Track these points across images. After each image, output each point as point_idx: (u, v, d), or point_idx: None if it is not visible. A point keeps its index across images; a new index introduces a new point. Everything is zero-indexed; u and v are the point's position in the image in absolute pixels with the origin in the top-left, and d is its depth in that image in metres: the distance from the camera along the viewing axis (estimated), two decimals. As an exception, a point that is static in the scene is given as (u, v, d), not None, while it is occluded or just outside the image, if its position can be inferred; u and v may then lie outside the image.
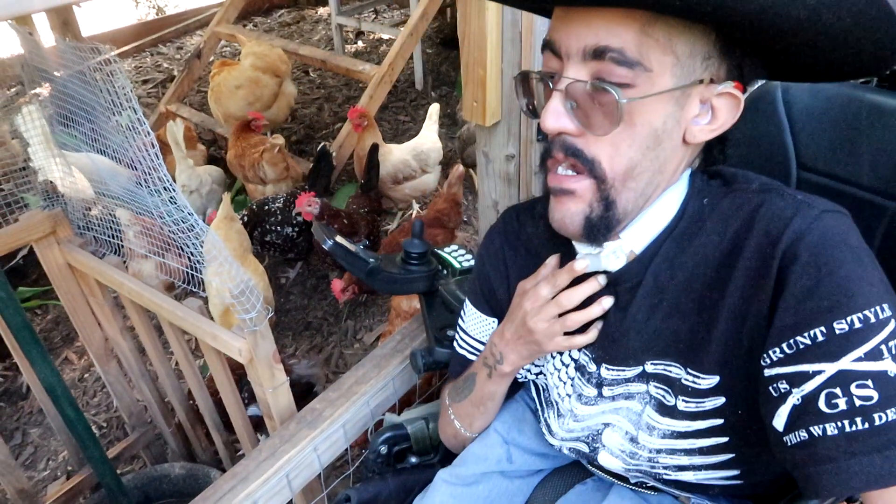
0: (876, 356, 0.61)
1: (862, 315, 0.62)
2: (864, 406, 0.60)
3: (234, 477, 1.17)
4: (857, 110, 0.99)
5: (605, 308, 0.82)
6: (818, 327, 0.63)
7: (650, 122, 0.69)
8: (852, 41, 0.62)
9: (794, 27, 0.61)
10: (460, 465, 1.05)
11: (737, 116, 0.72)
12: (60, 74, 1.34)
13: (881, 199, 0.96)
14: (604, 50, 0.66)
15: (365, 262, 1.24)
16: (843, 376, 0.62)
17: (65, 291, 1.64)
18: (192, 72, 3.85)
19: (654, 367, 0.80)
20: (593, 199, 0.74)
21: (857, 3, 0.57)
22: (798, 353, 0.64)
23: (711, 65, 0.69)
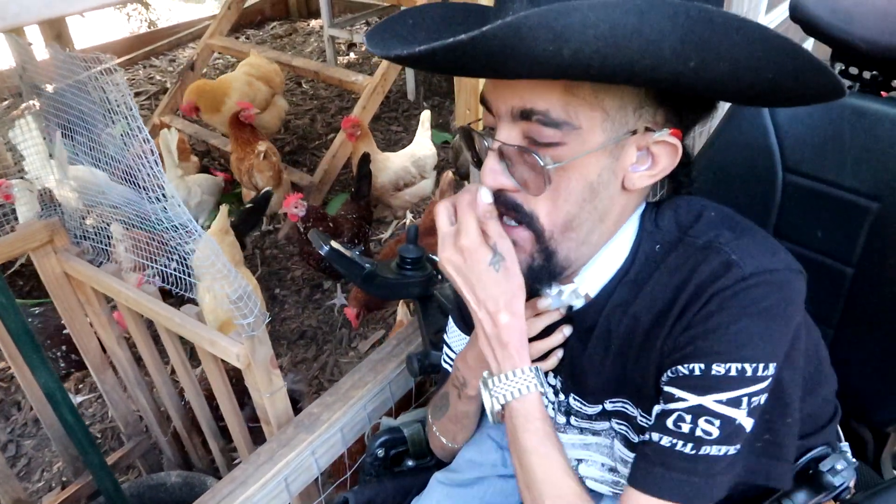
0: (735, 404, 0.68)
1: (740, 366, 0.67)
2: (701, 437, 0.69)
3: (233, 481, 1.18)
4: (840, 114, 1.02)
5: (565, 335, 0.84)
6: (699, 363, 0.69)
7: (585, 177, 0.70)
8: (779, 91, 0.64)
9: (715, 87, 0.63)
10: (456, 471, 1.06)
11: (676, 161, 0.71)
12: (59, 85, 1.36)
13: (864, 200, 0.99)
14: (530, 112, 0.67)
15: (361, 268, 1.26)
16: (700, 409, 0.69)
17: (61, 300, 1.64)
18: (186, 84, 3.86)
19: (613, 404, 0.83)
20: (534, 250, 0.75)
21: (774, 61, 0.58)
22: (676, 379, 0.71)
23: (646, 113, 0.69)
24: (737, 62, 0.58)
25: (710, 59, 0.57)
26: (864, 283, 1.01)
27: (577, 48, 0.55)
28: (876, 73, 1.08)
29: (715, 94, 0.67)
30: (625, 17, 0.53)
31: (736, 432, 0.69)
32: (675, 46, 0.56)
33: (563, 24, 0.53)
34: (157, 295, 1.46)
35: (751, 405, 0.68)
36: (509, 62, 0.58)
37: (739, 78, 0.60)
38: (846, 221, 1.01)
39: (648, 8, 0.53)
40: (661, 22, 0.54)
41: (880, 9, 0.97)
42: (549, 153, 0.68)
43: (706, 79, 0.60)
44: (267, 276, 2.97)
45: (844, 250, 1.02)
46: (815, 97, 0.64)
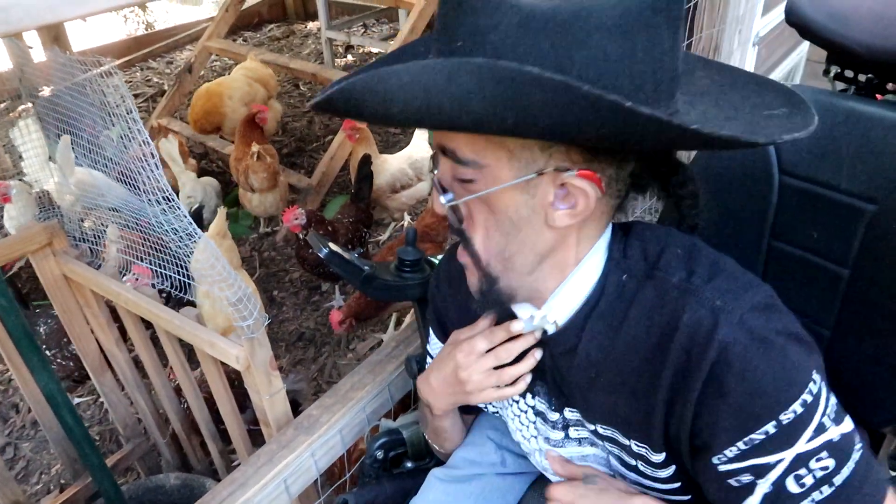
0: (821, 430, 0.67)
1: (801, 401, 0.67)
2: (826, 475, 0.68)
3: (233, 483, 1.18)
4: (835, 117, 1.02)
5: (536, 359, 0.84)
6: (768, 423, 0.67)
7: (503, 211, 0.71)
8: (626, 139, 0.64)
9: (562, 138, 0.65)
10: (454, 468, 1.07)
11: (592, 204, 0.70)
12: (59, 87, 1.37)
13: (860, 203, 1.00)
14: (445, 150, 0.71)
15: (360, 270, 1.26)
16: (802, 457, 0.68)
17: (60, 303, 1.65)
18: (183, 86, 3.87)
19: (605, 430, 0.83)
20: (480, 275, 0.78)
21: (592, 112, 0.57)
22: (755, 448, 0.69)
23: (557, 153, 0.68)
24: (557, 118, 0.58)
25: (526, 118, 0.59)
26: (859, 285, 1.02)
27: (402, 108, 0.60)
28: (871, 76, 1.09)
29: (573, 143, 0.67)
30: (434, 79, 0.57)
31: (844, 443, 0.68)
32: (486, 106, 0.58)
33: (384, 88, 0.59)
34: (156, 297, 1.47)
35: (832, 416, 0.68)
36: (361, 114, 0.65)
37: (569, 133, 0.61)
38: (842, 223, 1.02)
39: (456, 70, 0.56)
40: (467, 83, 0.56)
41: (875, 12, 0.98)
42: (467, 188, 0.71)
43: (537, 133, 0.62)
44: (265, 279, 2.98)
45: (840, 252, 1.03)
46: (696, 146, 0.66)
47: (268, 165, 2.91)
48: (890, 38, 0.96)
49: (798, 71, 3.37)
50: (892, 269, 0.97)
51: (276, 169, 2.97)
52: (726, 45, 2.17)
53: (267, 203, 2.99)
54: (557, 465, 0.91)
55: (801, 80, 3.40)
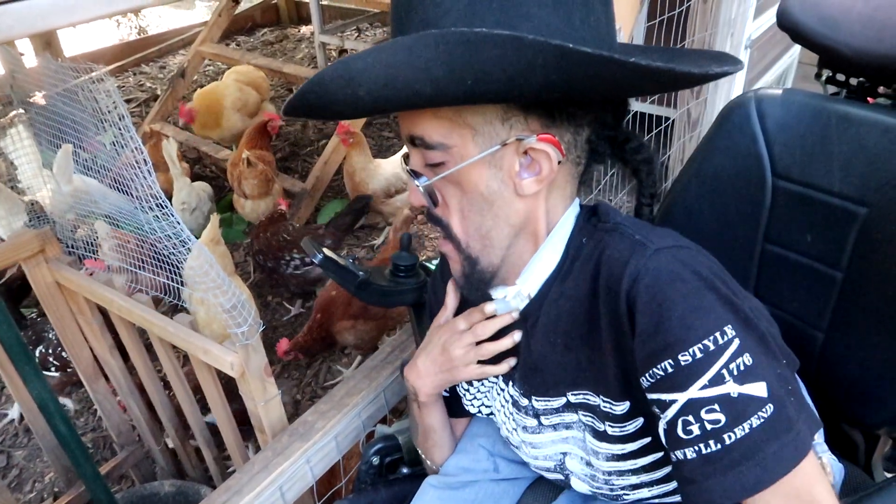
0: (718, 381, 0.66)
1: (701, 345, 0.66)
2: (715, 429, 0.66)
3: (228, 490, 1.18)
4: (827, 120, 1.03)
5: (515, 340, 0.88)
6: (667, 360, 0.68)
7: (475, 188, 0.76)
8: (574, 86, 0.67)
9: (513, 96, 0.69)
10: (448, 475, 1.07)
11: (555, 165, 0.75)
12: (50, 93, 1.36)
13: (852, 206, 1.00)
14: (413, 138, 0.76)
15: (354, 276, 1.26)
16: (693, 404, 0.67)
17: (53, 310, 1.64)
18: (177, 91, 3.87)
19: (575, 396, 0.85)
20: (460, 259, 0.83)
21: (542, 62, 0.62)
22: (657, 383, 0.70)
23: (517, 123, 0.73)
24: (507, 72, 0.62)
25: (480, 75, 0.63)
26: (852, 287, 1.02)
27: (368, 89, 0.65)
28: (862, 79, 1.09)
29: (523, 100, 0.72)
30: (396, 56, 0.62)
31: (744, 404, 0.65)
32: (446, 71, 0.62)
33: (352, 71, 0.64)
34: (149, 303, 1.46)
35: (734, 374, 0.66)
36: (332, 107, 0.69)
37: (523, 85, 0.65)
38: (835, 226, 1.02)
39: (414, 43, 0.62)
40: (425, 52, 0.61)
41: (865, 16, 0.98)
42: (438, 172, 0.76)
43: (494, 91, 0.65)
44: (259, 284, 2.97)
45: (833, 254, 1.03)
46: (643, 89, 0.71)
47: (259, 172, 2.90)
48: (880, 42, 0.97)
49: (790, 73, 3.38)
50: (885, 271, 0.97)
51: (269, 176, 2.96)
52: (718, 48, 2.18)
53: (259, 210, 2.99)
54: None
55: (792, 83, 3.41)
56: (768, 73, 2.92)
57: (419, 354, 0.98)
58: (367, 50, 0.63)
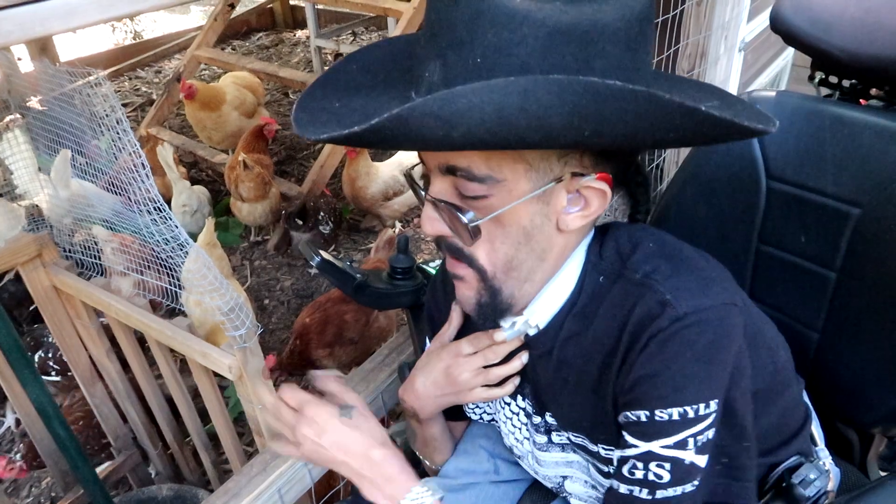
0: (681, 446, 0.71)
1: (682, 409, 0.70)
2: (654, 482, 0.72)
3: (226, 493, 1.18)
4: (821, 122, 1.04)
5: (524, 362, 0.87)
6: (643, 410, 0.71)
7: (518, 222, 0.72)
8: (687, 141, 0.68)
9: (621, 146, 0.68)
10: (448, 476, 1.07)
11: (607, 203, 0.73)
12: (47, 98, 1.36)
13: (845, 206, 1.01)
14: (454, 168, 0.69)
15: (352, 278, 1.26)
16: (649, 455, 0.72)
17: (50, 314, 1.64)
18: (172, 95, 3.86)
19: (575, 437, 0.86)
20: (480, 288, 0.78)
21: (672, 122, 0.61)
22: (626, 425, 0.75)
23: (572, 159, 0.70)
24: (632, 126, 0.61)
25: (603, 127, 0.60)
26: (846, 288, 1.03)
27: (465, 131, 0.58)
28: (855, 81, 1.10)
29: (623, 149, 0.71)
30: (508, 98, 0.56)
31: (688, 471, 0.72)
32: (565, 120, 0.58)
33: (450, 112, 0.57)
34: (147, 307, 1.46)
35: (698, 444, 0.71)
36: (405, 144, 0.63)
37: (640, 139, 0.64)
38: (829, 227, 1.03)
39: (533, 87, 0.56)
40: (546, 98, 0.57)
41: (857, 19, 0.99)
42: (477, 205, 0.70)
43: (606, 142, 0.63)
44: (256, 287, 2.97)
45: (827, 255, 1.04)
46: (741, 135, 0.67)
47: (255, 175, 2.91)
48: (872, 44, 0.98)
49: (784, 76, 3.40)
50: (878, 271, 0.98)
51: (266, 179, 2.97)
52: (713, 51, 2.19)
53: (256, 213, 3.00)
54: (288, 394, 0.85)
55: (786, 85, 3.43)
56: (762, 76, 2.93)
57: (416, 376, 0.94)
58: (467, 88, 0.56)
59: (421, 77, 0.67)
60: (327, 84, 0.75)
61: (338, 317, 2.16)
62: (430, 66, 0.65)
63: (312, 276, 3.00)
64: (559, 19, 0.60)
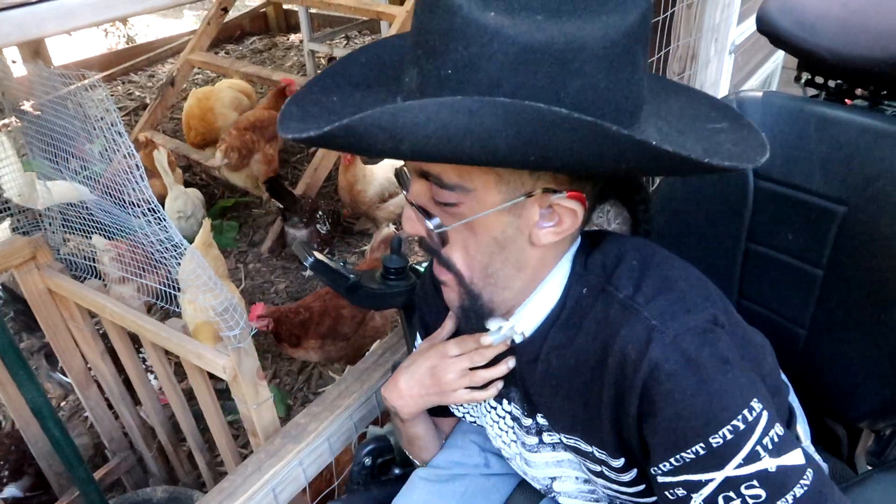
0: (753, 458, 0.66)
1: (731, 426, 0.66)
2: (757, 503, 0.66)
3: (221, 492, 1.18)
4: (806, 122, 1.05)
5: (510, 367, 0.86)
6: (697, 444, 0.67)
7: (488, 232, 0.72)
8: (639, 172, 0.68)
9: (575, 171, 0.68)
10: (438, 468, 1.08)
11: (578, 222, 0.73)
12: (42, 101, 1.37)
13: (832, 205, 1.03)
14: (426, 174, 0.70)
15: (346, 278, 1.27)
16: (731, 482, 0.67)
17: (45, 317, 1.64)
18: (166, 99, 3.87)
19: (568, 439, 0.85)
20: (461, 292, 0.79)
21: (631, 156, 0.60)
22: (686, 466, 0.69)
23: (545, 175, 0.70)
24: (578, 154, 0.60)
25: (549, 153, 0.60)
26: (833, 285, 1.04)
27: (413, 144, 0.58)
28: (840, 81, 1.12)
29: (580, 174, 0.69)
30: (454, 118, 0.56)
31: (783, 477, 0.66)
32: (510, 144, 0.58)
33: (396, 125, 0.57)
34: (142, 309, 1.47)
35: (769, 448, 0.67)
36: (361, 151, 0.63)
37: (591, 168, 0.63)
38: (815, 225, 1.05)
39: (478, 108, 0.56)
40: (491, 121, 0.56)
41: (842, 20, 1.01)
42: (449, 211, 0.71)
43: (556, 167, 0.63)
44: (251, 290, 2.98)
45: (814, 253, 1.06)
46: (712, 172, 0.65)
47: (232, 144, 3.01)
48: (856, 45, 0.99)
49: (774, 78, 3.43)
50: (863, 268, 1.00)
51: (244, 152, 3.05)
52: (703, 53, 2.21)
53: (240, 181, 3.16)
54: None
55: (777, 87, 3.46)
56: (753, 78, 2.96)
57: (401, 374, 0.95)
58: (416, 103, 0.56)
59: (403, 81, 0.68)
60: (335, 75, 0.76)
61: (335, 310, 2.17)
62: (410, 72, 0.66)
63: (307, 279, 3.00)
64: (532, 37, 0.58)
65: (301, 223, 2.92)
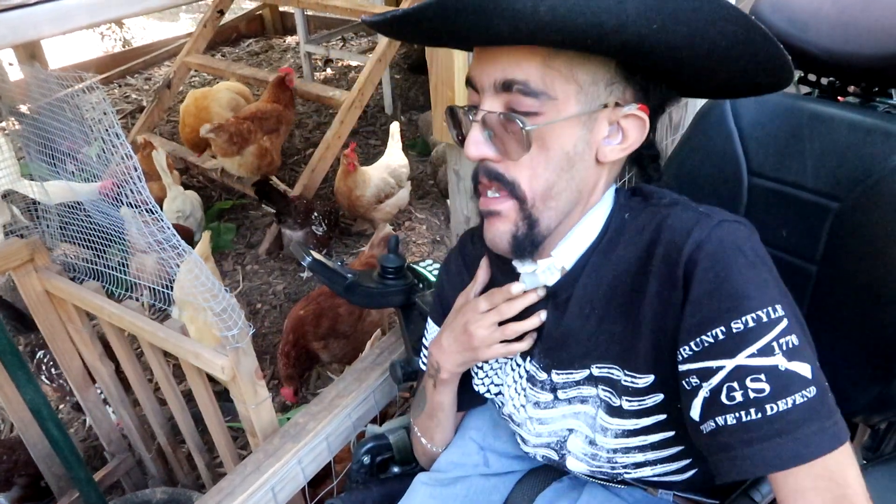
0: (767, 352, 0.68)
1: (755, 315, 0.69)
2: (758, 398, 0.67)
3: (220, 492, 1.19)
4: (799, 119, 1.06)
5: (541, 320, 0.88)
6: (718, 327, 0.70)
7: (562, 146, 0.75)
8: (733, 62, 0.70)
9: (673, 53, 0.69)
10: (439, 471, 1.09)
11: (644, 135, 0.78)
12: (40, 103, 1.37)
13: (825, 200, 1.03)
14: (511, 83, 0.73)
15: (343, 278, 1.28)
16: (740, 371, 0.68)
17: (43, 319, 1.64)
18: (162, 102, 3.87)
19: (599, 370, 0.86)
20: (518, 219, 0.79)
21: (727, 28, 0.65)
22: (704, 351, 0.71)
23: (616, 89, 0.75)
24: (694, 26, 0.64)
25: (669, 22, 0.63)
26: (827, 280, 1.05)
27: (552, 5, 0.61)
28: (833, 79, 1.13)
29: (675, 63, 0.72)
30: None
31: (789, 380, 0.67)
32: (639, 6, 0.62)
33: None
34: (140, 310, 1.47)
35: (784, 349, 0.67)
36: (494, 19, 0.64)
37: (696, 44, 0.66)
38: (809, 221, 1.05)
39: None
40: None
41: (833, 18, 1.02)
42: (529, 121, 0.73)
43: (666, 42, 0.66)
44: (248, 291, 2.98)
45: (808, 249, 1.06)
46: (767, 75, 0.71)
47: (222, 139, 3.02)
48: (848, 43, 1.00)
49: (769, 77, 3.44)
50: (856, 264, 1.00)
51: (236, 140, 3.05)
52: (697, 52, 2.21)
53: (233, 168, 3.16)
54: None
55: (772, 86, 3.47)
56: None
57: (444, 332, 0.98)
58: None
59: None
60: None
61: (332, 310, 2.17)
62: None
63: (304, 280, 3.01)
64: None
65: (296, 225, 2.92)
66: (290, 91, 3.31)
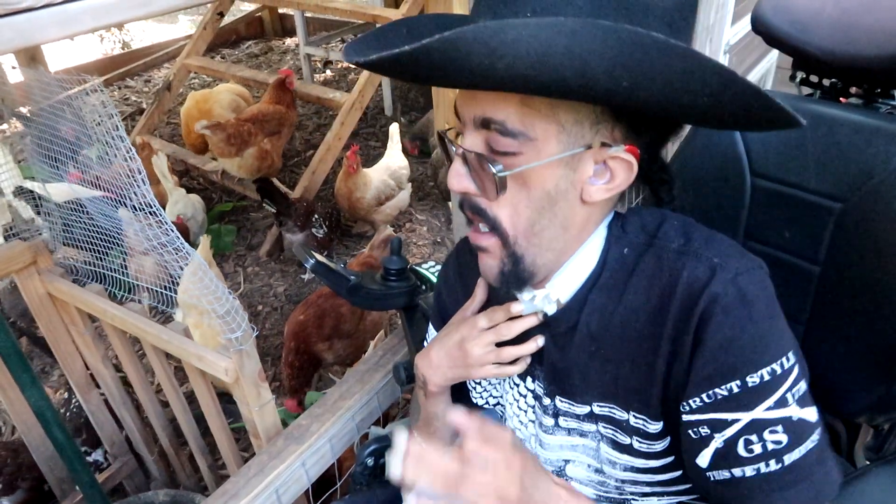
0: (782, 403, 0.70)
1: (770, 369, 0.70)
2: (776, 450, 0.70)
3: (224, 494, 1.19)
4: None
5: (538, 345, 0.87)
6: (734, 381, 0.70)
7: (542, 185, 0.73)
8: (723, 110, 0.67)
9: (653, 107, 0.66)
10: None
11: (632, 177, 0.74)
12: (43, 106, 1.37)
13: (827, 202, 1.03)
14: (489, 121, 0.70)
15: (346, 280, 1.28)
16: (757, 424, 0.70)
17: (46, 321, 1.64)
18: (162, 104, 3.87)
19: (601, 408, 0.85)
20: (503, 255, 0.78)
21: (712, 81, 0.61)
22: (717, 403, 0.72)
23: (603, 129, 0.72)
24: (669, 84, 0.61)
25: (641, 80, 0.60)
26: (829, 281, 1.05)
27: (509, 63, 0.58)
28: (835, 80, 1.13)
29: (657, 113, 0.70)
30: (556, 38, 0.57)
31: (802, 428, 0.70)
32: (607, 66, 0.59)
33: (498, 41, 0.57)
34: (143, 312, 1.47)
35: (796, 397, 0.70)
36: (450, 72, 0.62)
37: (674, 99, 0.64)
38: (811, 222, 1.06)
39: (580, 29, 0.57)
40: (591, 43, 0.57)
41: (834, 19, 1.02)
42: (506, 161, 0.72)
43: (641, 98, 0.63)
44: (249, 293, 2.98)
45: (811, 250, 1.06)
46: (769, 124, 0.67)
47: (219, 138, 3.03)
48: (849, 44, 1.01)
49: (769, 77, 3.44)
50: (859, 265, 1.00)
51: (234, 141, 3.06)
52: (698, 53, 2.22)
53: (233, 169, 3.16)
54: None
55: (772, 86, 3.47)
56: (747, 78, 2.98)
57: (433, 345, 0.96)
58: (516, 22, 0.57)
59: (471, 21, 0.70)
60: (375, 38, 0.76)
61: (333, 310, 2.18)
62: (480, 21, 0.66)
63: (305, 282, 3.01)
64: None
65: (296, 227, 2.92)
66: (290, 93, 3.31)
